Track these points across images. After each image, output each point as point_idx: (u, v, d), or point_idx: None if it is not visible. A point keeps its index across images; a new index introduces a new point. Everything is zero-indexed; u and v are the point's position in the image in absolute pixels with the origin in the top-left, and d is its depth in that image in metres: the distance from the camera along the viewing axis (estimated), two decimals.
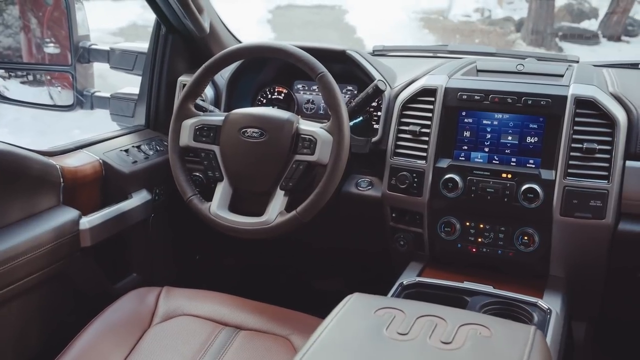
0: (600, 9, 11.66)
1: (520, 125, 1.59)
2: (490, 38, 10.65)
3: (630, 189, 1.51)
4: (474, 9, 11.79)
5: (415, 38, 10.59)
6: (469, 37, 10.72)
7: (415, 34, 10.83)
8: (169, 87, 1.99)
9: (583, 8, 11.74)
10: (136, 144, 1.90)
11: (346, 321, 1.15)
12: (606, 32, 10.82)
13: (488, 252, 1.64)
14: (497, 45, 10.20)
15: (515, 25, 11.16)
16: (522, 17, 11.22)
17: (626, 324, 1.92)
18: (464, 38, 10.73)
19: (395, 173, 1.68)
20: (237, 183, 1.63)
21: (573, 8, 11.65)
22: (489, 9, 11.84)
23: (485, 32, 11.03)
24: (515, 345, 1.06)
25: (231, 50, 1.62)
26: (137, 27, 10.65)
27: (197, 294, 1.64)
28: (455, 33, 11.02)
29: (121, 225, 1.75)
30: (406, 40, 10.14)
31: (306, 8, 11.92)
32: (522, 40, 10.45)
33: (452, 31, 11.12)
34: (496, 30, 11.09)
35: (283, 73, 1.99)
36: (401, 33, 10.55)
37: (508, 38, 10.72)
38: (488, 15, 11.73)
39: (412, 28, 11.09)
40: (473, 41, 10.60)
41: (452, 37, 10.80)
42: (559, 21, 11.06)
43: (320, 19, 11.35)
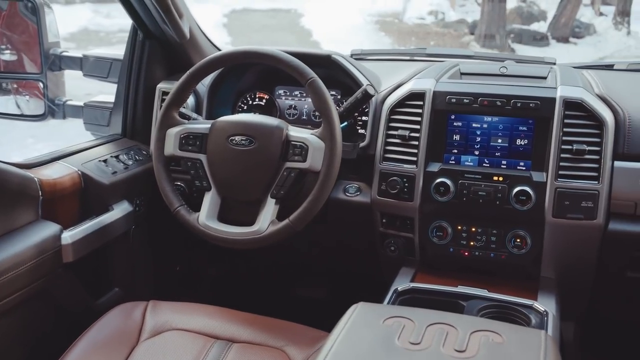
0: (549, 11, 12.00)
1: (510, 128, 1.60)
2: (445, 40, 10.82)
3: (619, 189, 1.53)
4: (428, 12, 11.98)
5: (372, 41, 10.68)
6: (424, 40, 10.87)
7: (371, 36, 10.92)
8: (146, 94, 1.93)
9: (532, 11, 12.05)
10: (114, 153, 1.83)
11: (355, 332, 1.12)
12: (555, 34, 11.14)
13: (480, 256, 1.64)
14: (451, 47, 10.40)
15: (469, 27, 11.37)
16: (475, 20, 11.44)
17: (613, 323, 1.95)
18: (420, 40, 10.88)
19: (386, 178, 1.66)
20: (225, 192, 1.59)
21: (523, 11, 11.95)
22: (442, 11, 12.05)
23: (439, 34, 11.20)
24: (530, 351, 1.06)
25: (217, 56, 1.58)
26: (88, 32, 10.43)
27: (185, 307, 1.59)
28: (411, 35, 11.16)
29: (103, 238, 1.69)
30: (362, 43, 10.22)
31: (262, 12, 11.90)
32: (475, 42, 10.65)
33: (408, 34, 11.25)
34: (450, 32, 11.27)
35: (264, 79, 1.95)
36: (357, 36, 10.63)
37: (462, 40, 10.91)
38: (442, 18, 11.93)
39: (368, 31, 11.18)
40: (428, 43, 10.78)
41: (407, 40, 10.93)
42: (510, 23, 11.33)
43: (276, 22, 11.33)
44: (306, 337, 1.51)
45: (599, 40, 11.21)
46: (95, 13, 11.32)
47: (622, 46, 11.01)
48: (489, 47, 10.33)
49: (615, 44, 11.04)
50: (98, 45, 9.71)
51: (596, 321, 1.79)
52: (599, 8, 13.26)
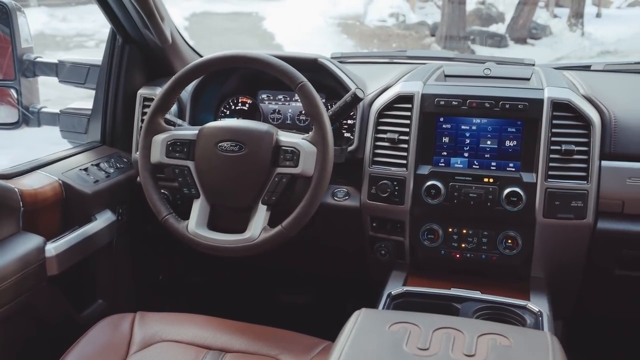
0: (507, 13, 12.22)
1: (499, 130, 1.60)
2: (407, 42, 10.91)
3: (606, 188, 1.55)
4: (389, 14, 12.06)
5: (334, 43, 10.70)
6: (386, 42, 10.94)
7: (334, 39, 10.94)
8: (126, 100, 1.88)
9: (491, 13, 12.26)
10: (95, 161, 1.78)
11: (362, 340, 1.11)
12: (513, 35, 11.34)
13: (472, 257, 1.64)
14: (413, 49, 10.49)
15: (430, 29, 11.50)
16: (436, 22, 11.58)
17: (599, 321, 1.97)
18: (382, 42, 10.94)
19: (376, 182, 1.65)
20: (214, 199, 1.56)
21: (482, 13, 12.15)
22: (403, 13, 12.15)
23: (401, 36, 11.28)
24: (538, 353, 1.06)
25: (204, 61, 1.55)
26: (44, 36, 10.17)
27: (174, 317, 1.55)
28: (373, 38, 11.22)
29: (88, 249, 1.64)
30: (325, 45, 10.24)
31: (223, 15, 11.80)
32: (436, 43, 10.77)
33: (370, 36, 11.31)
34: (412, 34, 11.37)
35: (247, 83, 1.92)
36: (320, 38, 10.64)
37: (424, 42, 11.02)
38: (403, 20, 12.03)
39: (330, 33, 11.20)
40: (390, 45, 10.85)
41: (370, 42, 10.99)
42: (470, 25, 11.49)
43: (237, 25, 11.25)
44: (300, 345, 1.49)
45: (555, 42, 11.47)
46: (51, 17, 11.06)
47: (577, 47, 11.29)
48: (449, 48, 10.45)
49: (571, 45, 11.31)
50: (55, 49, 9.49)
51: (582, 319, 1.81)
52: (553, 10, 13.59)
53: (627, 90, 1.76)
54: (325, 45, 10.38)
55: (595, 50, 11.04)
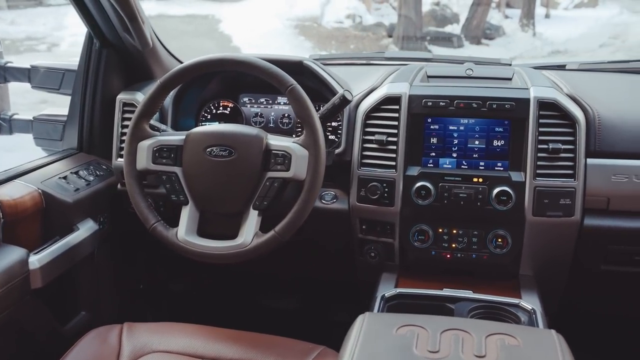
0: (461, 14, 12.41)
1: (487, 129, 1.61)
2: (364, 43, 10.96)
3: (592, 185, 1.58)
4: (346, 16, 12.10)
5: (292, 45, 10.69)
6: (344, 43, 10.98)
7: (292, 40, 10.92)
8: (104, 106, 1.83)
9: (445, 14, 12.44)
10: (73, 169, 1.73)
11: (371, 344, 1.10)
12: (468, 36, 11.53)
13: (462, 257, 1.65)
14: (370, 50, 10.55)
15: (387, 30, 11.58)
16: (392, 23, 11.67)
17: (583, 317, 2.01)
18: (340, 44, 10.97)
19: (365, 184, 1.65)
20: (204, 205, 1.52)
21: (437, 14, 12.31)
22: (359, 15, 12.21)
23: (359, 37, 11.34)
24: (548, 352, 1.07)
25: (191, 65, 1.51)
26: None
27: (162, 327, 1.51)
28: (331, 39, 11.24)
29: (71, 260, 1.58)
30: (283, 47, 10.22)
31: (178, 18, 11.64)
32: (394, 44, 10.86)
33: (328, 38, 11.32)
34: (369, 35, 11.44)
35: (228, 87, 1.89)
36: (278, 40, 10.61)
37: (381, 43, 11.09)
38: (359, 22, 12.08)
39: (288, 35, 11.17)
40: (348, 47, 10.89)
41: (327, 44, 11.00)
42: (426, 26, 11.63)
43: (194, 28, 11.12)
44: (295, 351, 1.47)
45: (508, 42, 11.70)
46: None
47: (530, 46, 11.55)
48: (407, 49, 10.55)
49: (524, 45, 11.56)
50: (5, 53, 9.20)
51: (566, 315, 1.84)
52: (504, 11, 13.88)
53: (606, 89, 1.80)
54: (283, 47, 10.36)
55: (546, 50, 11.31)
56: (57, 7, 12.18)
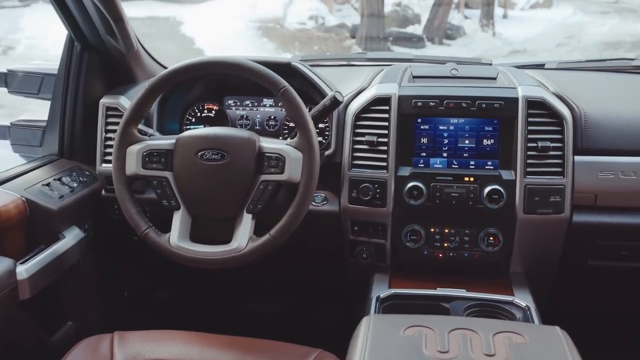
0: (422, 14, 12.55)
1: (476, 129, 1.63)
2: (327, 45, 10.98)
3: (580, 182, 1.60)
4: (308, 17, 12.11)
5: (256, 47, 10.64)
6: (307, 44, 10.98)
7: (255, 42, 10.87)
8: (86, 110, 1.78)
9: (407, 14, 12.56)
10: (56, 176, 1.68)
11: (380, 346, 1.09)
12: (430, 36, 11.66)
13: (454, 256, 1.65)
14: (334, 51, 10.56)
15: (350, 31, 11.63)
16: (355, 24, 11.72)
17: (571, 312, 2.04)
18: (303, 45, 10.97)
19: (357, 185, 1.64)
20: (196, 210, 1.50)
21: (398, 14, 12.42)
22: (322, 16, 12.23)
23: (322, 38, 11.35)
24: (556, 349, 1.08)
25: (181, 67, 1.48)
26: None
27: (154, 335, 1.48)
28: (294, 41, 11.22)
29: (59, 269, 1.54)
30: (247, 49, 10.17)
31: (139, 20, 11.44)
32: (357, 45, 10.90)
33: (291, 39, 11.31)
34: (332, 36, 11.47)
35: (212, 89, 1.86)
36: (241, 42, 10.55)
37: (344, 44, 11.13)
38: (322, 23, 12.10)
39: (251, 37, 11.12)
40: (311, 48, 10.89)
41: (291, 45, 10.99)
42: (388, 27, 11.72)
43: (155, 30, 10.95)
44: (293, 355, 1.45)
45: (469, 42, 11.89)
46: None
47: (490, 46, 11.76)
48: (370, 49, 10.60)
49: (484, 45, 11.76)
50: None
51: (554, 311, 1.86)
52: (464, 11, 14.09)
53: (588, 88, 1.83)
54: (246, 48, 10.31)
55: (506, 50, 11.53)
56: (11, 9, 11.87)
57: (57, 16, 1.63)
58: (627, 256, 1.68)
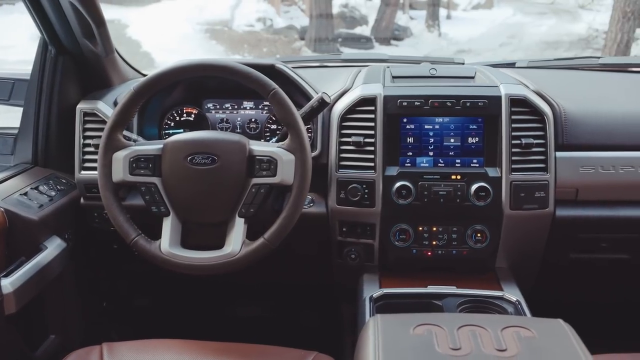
0: (369, 15, 12.65)
1: (461, 127, 1.64)
2: (277, 47, 10.94)
3: (562, 177, 1.64)
4: (256, 19, 12.04)
5: (204, 49, 10.50)
6: (256, 47, 10.91)
7: (203, 45, 10.73)
8: (61, 116, 1.72)
9: (354, 15, 12.64)
10: (33, 185, 1.61)
11: (393, 346, 1.09)
12: (378, 37, 11.76)
13: (443, 254, 1.67)
14: (284, 53, 10.53)
15: (299, 33, 11.62)
16: (303, 25, 11.72)
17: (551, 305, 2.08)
18: (252, 48, 10.90)
19: (345, 186, 1.64)
20: (186, 216, 1.47)
21: (346, 16, 12.49)
22: (270, 18, 12.18)
23: (271, 40, 11.30)
24: (564, 341, 1.10)
25: (168, 70, 1.44)
26: None
27: (144, 345, 1.44)
28: (243, 43, 11.13)
29: (42, 281, 1.48)
30: (195, 52, 10.03)
31: None
32: (307, 47, 10.90)
33: (239, 41, 11.21)
34: (281, 38, 11.44)
35: (191, 93, 1.83)
36: (189, 45, 10.39)
37: (294, 46, 11.11)
38: (270, 25, 12.05)
39: (199, 39, 10.97)
40: (261, 50, 10.83)
41: (240, 47, 10.90)
42: (337, 28, 11.77)
43: None
44: (289, 359, 1.44)
45: (416, 42, 12.05)
46: None
47: (437, 46, 11.94)
48: (319, 51, 10.62)
49: (431, 45, 11.94)
50: None
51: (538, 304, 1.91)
52: (408, 12, 14.30)
53: (563, 85, 1.88)
54: (195, 51, 10.16)
55: (452, 50, 11.72)
56: None
57: (31, 19, 1.56)
58: (606, 248, 1.74)
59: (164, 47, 9.84)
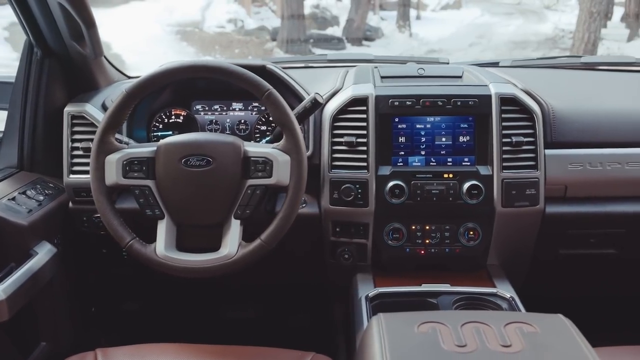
0: (341, 16, 12.70)
1: (452, 126, 1.66)
2: (249, 48, 10.91)
3: (551, 174, 1.66)
4: (227, 20, 11.99)
5: (175, 51, 10.43)
6: (228, 48, 10.86)
7: (174, 46, 10.65)
8: (47, 119, 1.68)
9: (325, 16, 12.68)
10: (20, 190, 1.58)
11: (400, 344, 1.09)
12: (350, 38, 11.81)
13: (436, 252, 1.68)
14: (255, 54, 10.48)
15: (270, 34, 11.60)
16: (275, 27, 11.70)
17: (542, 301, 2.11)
18: (223, 49, 10.84)
19: (338, 186, 1.64)
20: (181, 218, 1.45)
21: (317, 16, 12.52)
22: (241, 19, 12.14)
23: (242, 42, 11.26)
24: (567, 336, 1.11)
25: (161, 72, 1.42)
26: None
27: (139, 349, 1.42)
28: (214, 44, 11.07)
29: (34, 287, 1.45)
30: (166, 54, 9.93)
31: None
32: (279, 48, 10.89)
33: (211, 43, 11.15)
34: (253, 39, 11.40)
35: (179, 94, 1.81)
36: (160, 46, 10.30)
37: (265, 47, 11.09)
38: (241, 26, 12.02)
39: (169, 41, 10.88)
40: (232, 51, 10.78)
41: (211, 48, 10.84)
42: (308, 29, 11.77)
43: None
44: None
45: (388, 42, 12.13)
46: None
47: (408, 47, 12.04)
48: (291, 52, 10.63)
49: (402, 45, 12.04)
50: None
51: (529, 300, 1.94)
52: (379, 13, 14.39)
53: (548, 84, 1.91)
54: (166, 53, 10.07)
55: (423, 49, 11.83)
56: None
57: (17, 21, 1.53)
58: (594, 243, 1.76)
59: (134, 49, 9.74)
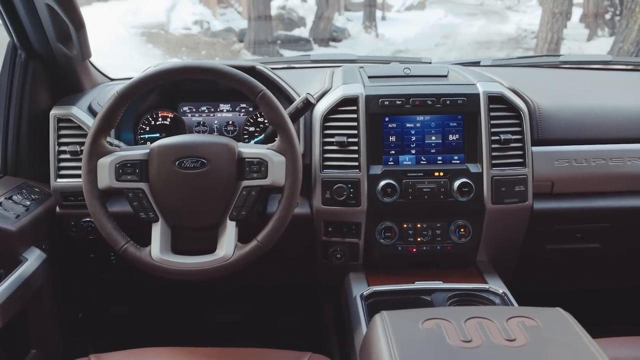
0: (307, 17, 12.70)
1: (442, 125, 1.67)
2: (215, 49, 10.83)
3: (538, 171, 1.69)
4: (193, 22, 11.89)
5: (140, 53, 10.29)
6: (194, 50, 10.77)
7: (139, 48, 10.51)
8: (32, 123, 1.65)
9: (292, 17, 12.67)
10: (6, 195, 1.55)
11: (406, 341, 1.10)
12: (317, 38, 11.82)
13: (428, 250, 1.69)
14: (223, 56, 10.40)
15: (237, 35, 11.54)
16: (242, 28, 11.65)
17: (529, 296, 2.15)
18: (190, 51, 10.75)
19: (330, 186, 1.64)
20: (176, 221, 1.44)
21: (284, 18, 12.50)
22: (207, 21, 12.05)
23: (209, 43, 11.18)
24: (568, 329, 1.13)
25: (153, 74, 1.40)
26: None
27: (133, 354, 1.41)
28: (181, 46, 10.96)
29: (26, 293, 1.42)
30: (132, 56, 9.81)
31: None
32: (246, 49, 10.84)
33: (177, 44, 11.04)
34: (220, 41, 11.32)
35: (166, 96, 1.79)
36: (125, 48, 10.15)
37: (233, 48, 11.02)
38: (207, 27, 11.93)
39: (135, 43, 10.73)
40: (199, 53, 10.69)
41: (177, 50, 10.73)
42: (275, 30, 11.75)
43: None
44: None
45: (354, 43, 12.17)
46: None
47: (375, 47, 12.10)
48: (259, 53, 10.61)
49: (369, 45, 12.10)
50: None
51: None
52: (344, 14, 14.44)
53: (531, 82, 1.94)
54: (131, 55, 9.94)
55: (389, 50, 11.91)
56: None
57: (1, 22, 1.49)
58: (580, 238, 1.80)
59: (99, 50, 9.54)
